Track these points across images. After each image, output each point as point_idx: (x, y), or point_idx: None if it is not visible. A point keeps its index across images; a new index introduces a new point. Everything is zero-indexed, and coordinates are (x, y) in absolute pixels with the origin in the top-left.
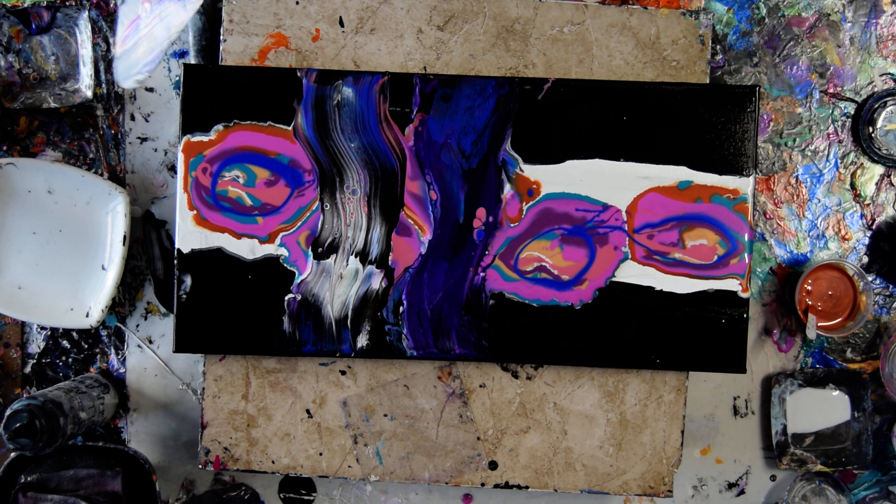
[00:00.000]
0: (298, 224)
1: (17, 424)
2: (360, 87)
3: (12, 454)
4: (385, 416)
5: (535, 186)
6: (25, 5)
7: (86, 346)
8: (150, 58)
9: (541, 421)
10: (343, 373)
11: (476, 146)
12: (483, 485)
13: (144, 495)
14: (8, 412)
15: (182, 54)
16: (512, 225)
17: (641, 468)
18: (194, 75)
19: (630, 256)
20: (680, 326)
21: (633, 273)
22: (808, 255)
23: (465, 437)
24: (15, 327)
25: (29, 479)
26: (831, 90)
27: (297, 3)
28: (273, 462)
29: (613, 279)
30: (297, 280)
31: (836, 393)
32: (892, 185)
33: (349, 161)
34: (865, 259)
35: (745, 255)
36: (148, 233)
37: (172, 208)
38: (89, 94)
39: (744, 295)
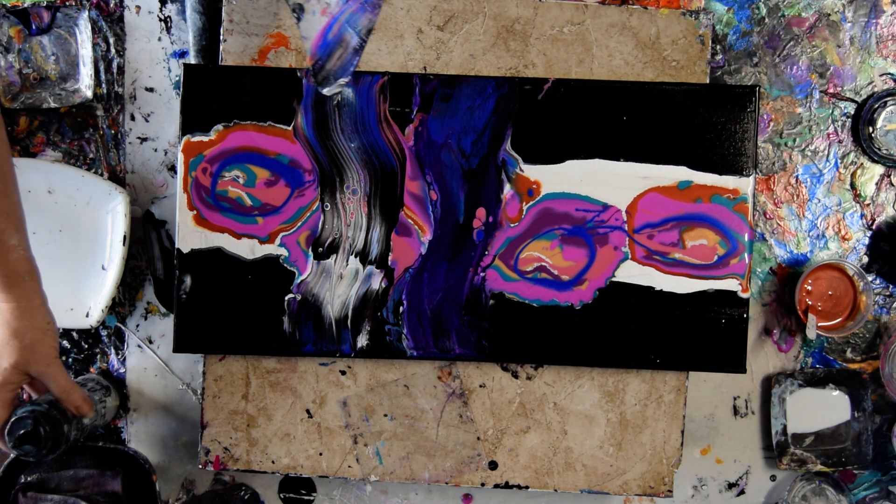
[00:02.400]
0: (298, 224)
1: (21, 431)
2: (360, 87)
3: (12, 454)
4: (385, 416)
5: (535, 186)
6: (25, 5)
7: (86, 346)
8: (346, 62)
9: (541, 421)
10: (343, 373)
11: (476, 146)
12: (483, 485)
13: (144, 495)
14: (12, 418)
15: (182, 54)
16: (512, 225)
17: (641, 468)
18: (194, 75)
19: (630, 256)
20: (680, 326)
21: (633, 273)
22: (808, 255)
23: (465, 437)
24: None
25: (29, 479)
26: (831, 90)
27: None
28: (273, 462)
29: (613, 279)
30: (297, 280)
31: (836, 393)
32: (892, 185)
33: (349, 161)
34: (865, 259)
35: (745, 255)
36: (148, 233)
37: (172, 208)
38: (89, 94)
39: (744, 295)
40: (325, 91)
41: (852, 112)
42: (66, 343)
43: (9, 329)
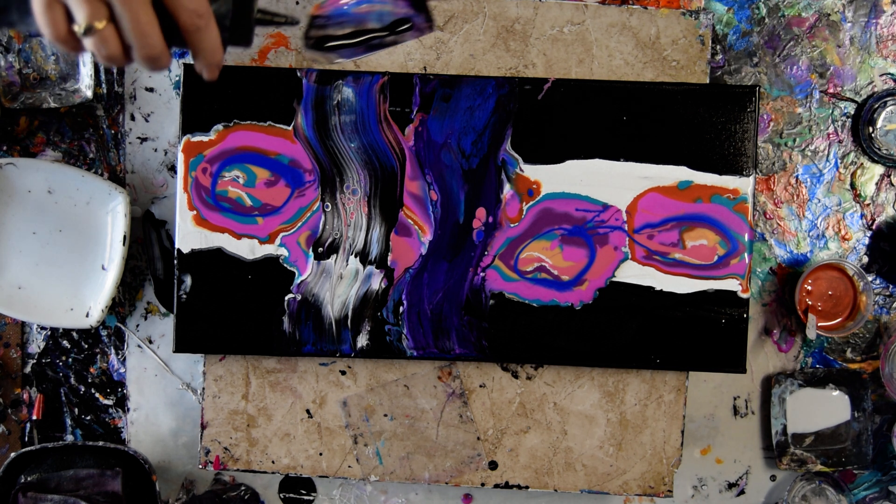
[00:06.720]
0: (299, 224)
1: None
2: (360, 87)
3: (12, 454)
4: (385, 416)
5: (535, 186)
6: None
7: (86, 346)
8: (349, 47)
9: (541, 421)
10: (343, 373)
11: (476, 146)
12: (483, 485)
13: (144, 495)
14: None
15: (182, 54)
16: (512, 225)
17: (641, 468)
18: (194, 75)
19: (630, 256)
20: (680, 326)
21: (633, 273)
22: (808, 255)
23: (465, 437)
24: (15, 327)
25: (29, 479)
26: (831, 90)
27: (297, 3)
28: (273, 462)
29: (613, 279)
30: (297, 280)
31: (836, 393)
32: (892, 185)
33: (349, 161)
34: (865, 259)
35: (745, 255)
36: (148, 233)
37: (172, 208)
38: (89, 94)
39: (744, 295)
40: (307, 53)
41: (852, 112)
42: (66, 343)
43: None
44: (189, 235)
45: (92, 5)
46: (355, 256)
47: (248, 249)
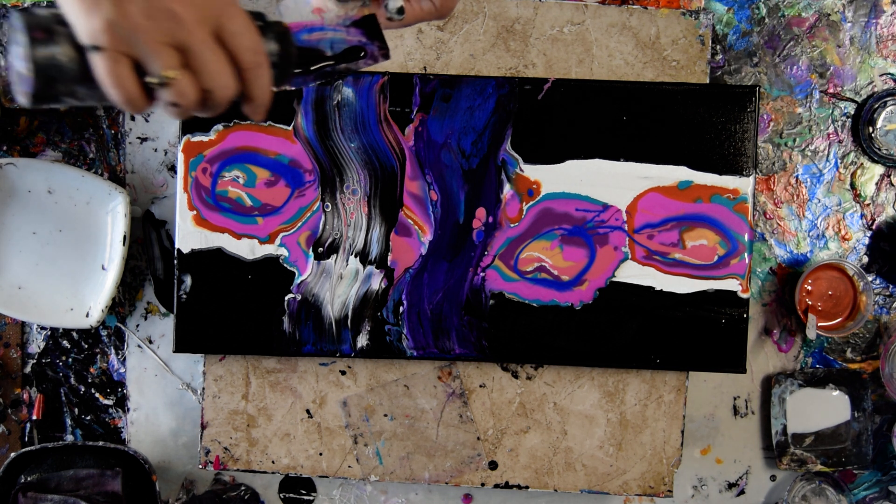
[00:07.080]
0: (299, 224)
1: None
2: (360, 87)
3: (12, 454)
4: (385, 416)
5: (535, 186)
6: (25, 5)
7: (86, 346)
8: (301, 75)
9: (541, 421)
10: (343, 373)
11: (476, 146)
12: (483, 485)
13: (144, 495)
14: None
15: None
16: (512, 225)
17: (641, 468)
18: None
19: (630, 256)
20: (680, 326)
21: (633, 273)
22: (808, 255)
23: (465, 437)
24: (15, 327)
25: (29, 479)
26: (831, 90)
27: None
28: (273, 462)
29: (613, 279)
30: (297, 280)
31: (836, 393)
32: (892, 185)
33: (349, 161)
34: (865, 259)
35: (745, 255)
36: (148, 233)
37: (172, 208)
38: None
39: (744, 295)
40: None
41: (852, 112)
42: (66, 343)
43: None
44: (189, 235)
45: (166, 52)
46: (355, 256)
47: (248, 249)
